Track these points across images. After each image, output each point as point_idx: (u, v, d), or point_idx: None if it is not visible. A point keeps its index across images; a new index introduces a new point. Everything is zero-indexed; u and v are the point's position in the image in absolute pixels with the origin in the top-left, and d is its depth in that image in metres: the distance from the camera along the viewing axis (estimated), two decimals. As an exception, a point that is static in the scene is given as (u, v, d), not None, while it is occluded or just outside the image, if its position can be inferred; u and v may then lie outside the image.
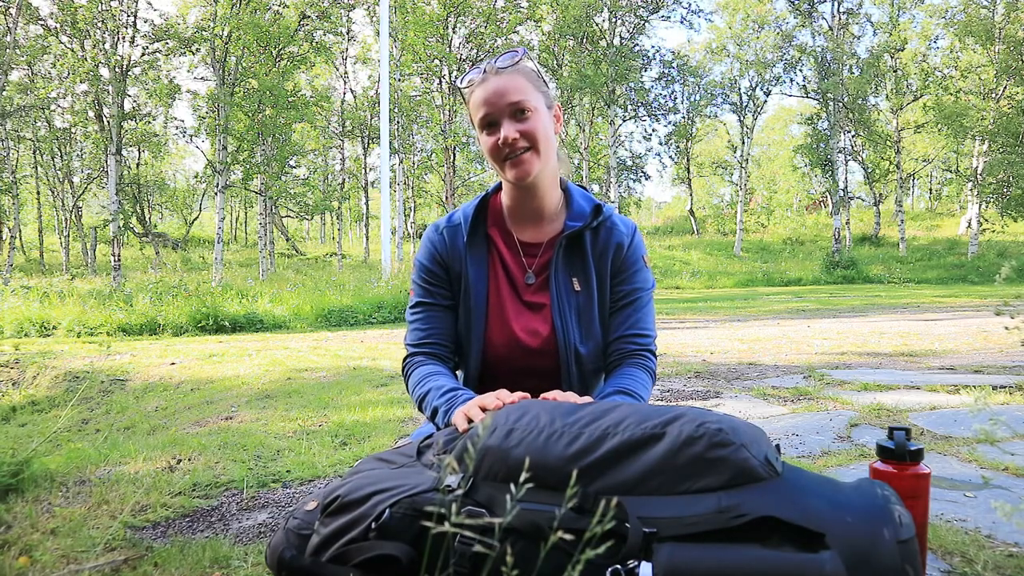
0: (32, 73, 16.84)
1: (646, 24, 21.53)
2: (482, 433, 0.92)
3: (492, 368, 1.30)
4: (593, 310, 1.29)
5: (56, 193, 22.54)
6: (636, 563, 0.79)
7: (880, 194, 25.14)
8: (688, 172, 29.56)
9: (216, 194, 15.43)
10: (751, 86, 24.49)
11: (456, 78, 19.00)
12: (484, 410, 1.05)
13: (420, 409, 1.26)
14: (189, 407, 3.54)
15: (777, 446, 0.95)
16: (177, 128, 18.61)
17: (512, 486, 0.86)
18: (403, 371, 1.36)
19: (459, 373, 1.40)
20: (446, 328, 1.33)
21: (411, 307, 1.36)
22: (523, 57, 1.24)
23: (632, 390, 1.24)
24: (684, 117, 26.02)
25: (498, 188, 1.37)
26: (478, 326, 1.29)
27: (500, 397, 1.07)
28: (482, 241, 1.32)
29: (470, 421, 1.04)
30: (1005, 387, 3.09)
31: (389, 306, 8.61)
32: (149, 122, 19.00)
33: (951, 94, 19.92)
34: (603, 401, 1.01)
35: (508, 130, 1.19)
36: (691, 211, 30.05)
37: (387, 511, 0.91)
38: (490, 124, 1.21)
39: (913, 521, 0.82)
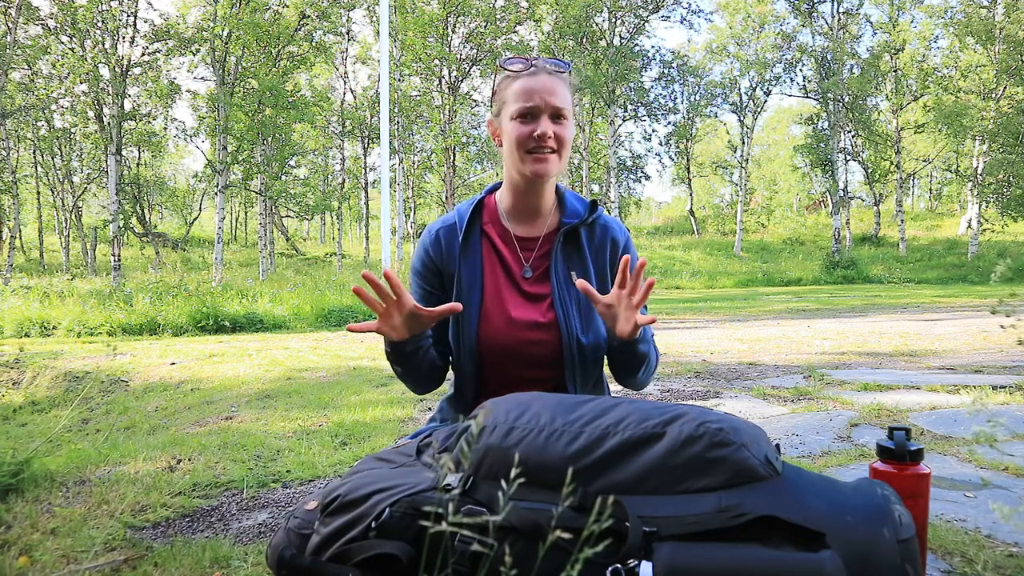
0: (32, 73, 16.82)
1: (646, 24, 21.51)
2: (476, 431, 0.92)
3: (492, 360, 1.31)
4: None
5: (56, 193, 22.50)
6: (636, 562, 0.79)
7: (880, 194, 25.13)
8: (688, 172, 29.53)
9: (216, 194, 15.42)
10: (751, 86, 24.49)
11: (457, 77, 19.02)
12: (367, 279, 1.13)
13: (394, 366, 1.30)
14: (189, 407, 3.54)
15: (777, 446, 0.95)
16: (177, 128, 18.63)
17: (505, 484, 0.86)
18: None
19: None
20: (444, 332, 1.36)
21: None
22: (568, 70, 1.29)
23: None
24: (684, 117, 26.00)
25: (493, 189, 1.39)
26: (472, 317, 1.30)
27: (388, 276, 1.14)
28: (477, 238, 1.34)
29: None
30: (1005, 387, 3.09)
31: (389, 306, 8.58)
32: (149, 122, 18.99)
33: (951, 94, 19.91)
34: (604, 398, 1.01)
35: (547, 126, 1.22)
36: (691, 211, 30.03)
37: (387, 510, 0.91)
38: (528, 114, 1.23)
39: (913, 521, 0.82)
